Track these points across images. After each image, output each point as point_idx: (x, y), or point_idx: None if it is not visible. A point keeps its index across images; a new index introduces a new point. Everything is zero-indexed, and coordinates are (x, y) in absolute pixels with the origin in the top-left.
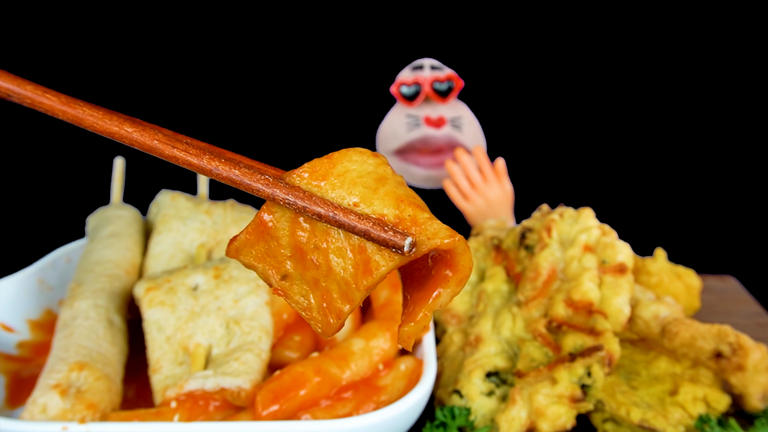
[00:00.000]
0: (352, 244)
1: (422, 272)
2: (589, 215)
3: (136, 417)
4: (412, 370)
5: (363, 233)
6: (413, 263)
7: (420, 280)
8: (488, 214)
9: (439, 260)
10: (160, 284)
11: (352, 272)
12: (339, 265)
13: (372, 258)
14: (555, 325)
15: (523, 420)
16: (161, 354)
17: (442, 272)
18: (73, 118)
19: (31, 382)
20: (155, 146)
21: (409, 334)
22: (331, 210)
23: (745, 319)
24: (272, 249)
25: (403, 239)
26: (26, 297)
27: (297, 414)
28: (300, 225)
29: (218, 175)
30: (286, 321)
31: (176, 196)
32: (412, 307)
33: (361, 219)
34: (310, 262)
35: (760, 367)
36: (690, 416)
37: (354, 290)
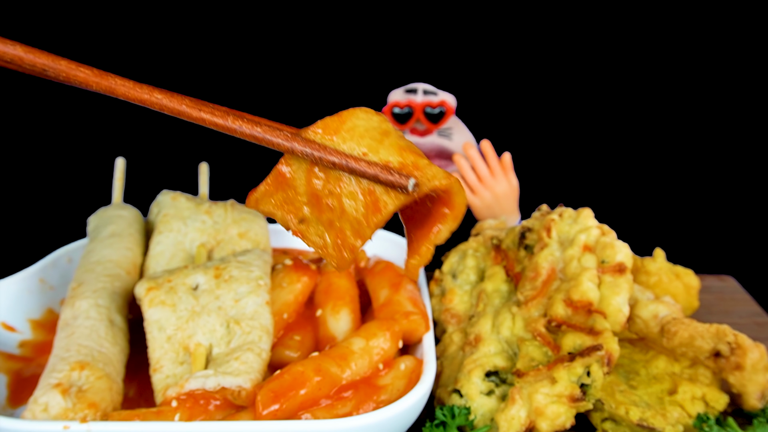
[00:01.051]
0: (363, 188)
1: (422, 213)
2: (588, 215)
3: (137, 416)
4: (412, 369)
5: (372, 177)
6: (414, 205)
7: (421, 220)
8: (495, 207)
9: (437, 200)
10: (160, 284)
11: (363, 212)
12: (351, 206)
13: (380, 198)
14: (554, 324)
15: (523, 419)
16: (162, 353)
17: (441, 210)
18: (106, 88)
19: (32, 381)
20: (183, 110)
21: (416, 266)
22: (343, 159)
23: (743, 319)
24: (290, 197)
25: (407, 180)
26: (28, 296)
27: (297, 413)
28: (315, 174)
29: (242, 133)
30: (287, 321)
31: (177, 196)
32: (416, 244)
33: (370, 165)
34: (325, 205)
35: (759, 366)
36: (689, 415)
37: (365, 227)
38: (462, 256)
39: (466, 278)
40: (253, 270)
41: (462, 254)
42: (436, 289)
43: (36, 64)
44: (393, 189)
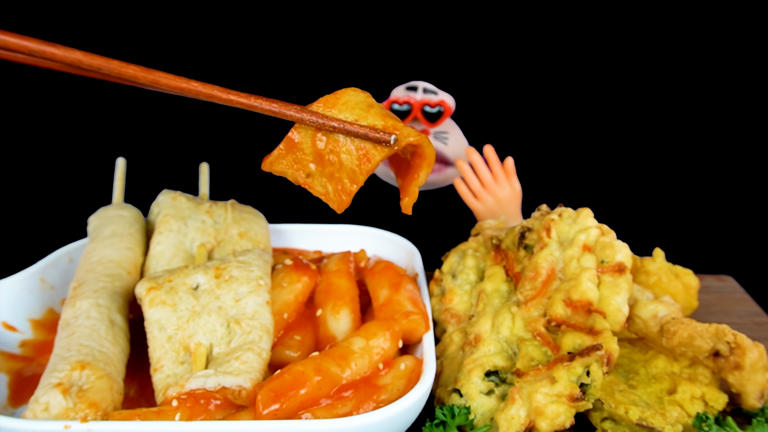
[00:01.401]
0: (356, 145)
1: (406, 164)
2: (588, 215)
3: (137, 416)
4: (411, 369)
5: (363, 136)
6: (397, 157)
7: (406, 170)
8: (498, 212)
9: (414, 154)
10: (161, 284)
11: (357, 163)
12: (347, 159)
13: (370, 152)
14: (554, 324)
15: (522, 419)
16: (162, 353)
17: (417, 161)
18: (152, 81)
19: (33, 380)
20: (215, 94)
21: (409, 203)
22: (341, 123)
23: (742, 319)
24: (298, 158)
25: (389, 137)
26: (28, 296)
27: (297, 413)
28: (318, 138)
29: (262, 108)
30: (287, 320)
31: (177, 196)
32: (406, 187)
33: (361, 128)
34: (327, 161)
35: (758, 366)
36: (688, 415)
37: (358, 174)
38: (462, 256)
39: (465, 278)
40: (254, 270)
41: (462, 254)
42: (436, 289)
43: (93, 65)
44: (379, 144)
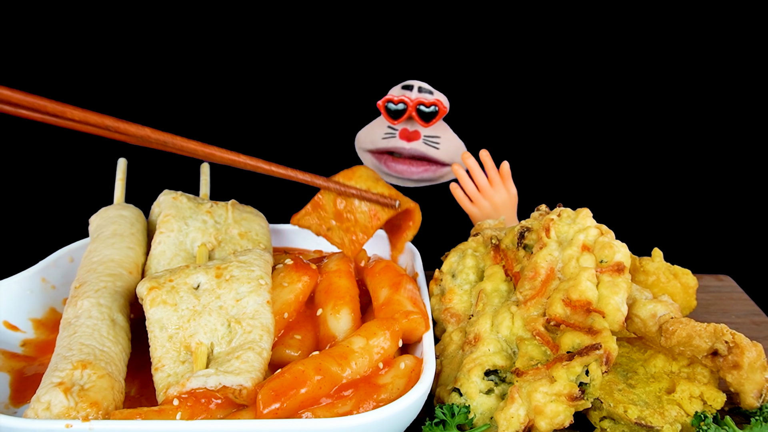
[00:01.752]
0: (368, 207)
1: (396, 225)
2: (587, 215)
3: (138, 415)
4: (411, 368)
5: (375, 201)
6: (393, 219)
7: (396, 230)
8: (494, 216)
9: (405, 217)
10: (162, 284)
11: (369, 220)
12: (361, 217)
13: (378, 212)
14: (553, 324)
15: (522, 418)
16: (163, 352)
17: (407, 223)
18: (208, 155)
19: (34, 380)
20: (259, 166)
21: (397, 255)
22: (357, 191)
23: (741, 318)
24: (321, 216)
25: (394, 202)
26: (30, 296)
27: (298, 412)
28: (338, 201)
29: (297, 178)
30: (287, 320)
31: (178, 197)
32: (395, 243)
33: (372, 195)
34: (345, 218)
35: (756, 365)
36: (686, 414)
37: (369, 228)
38: (461, 255)
39: (465, 278)
40: (254, 270)
41: (461, 254)
42: (435, 289)
43: (159, 140)
44: (386, 207)
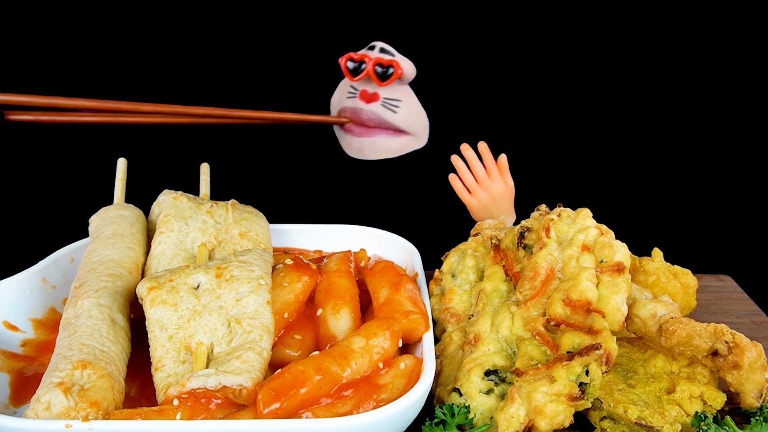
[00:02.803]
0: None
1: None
2: (586, 215)
3: (138, 415)
4: (411, 368)
5: (324, 121)
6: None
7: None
8: (492, 208)
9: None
10: (162, 284)
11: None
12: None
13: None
14: (553, 323)
15: (522, 418)
16: (164, 352)
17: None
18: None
19: (34, 380)
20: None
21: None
22: (306, 118)
23: (741, 318)
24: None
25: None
26: (30, 296)
27: (298, 412)
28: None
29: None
30: (287, 320)
31: (178, 197)
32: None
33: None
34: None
35: (756, 365)
36: (686, 414)
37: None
38: (461, 255)
39: (465, 278)
40: (254, 269)
41: (461, 254)
42: (435, 289)
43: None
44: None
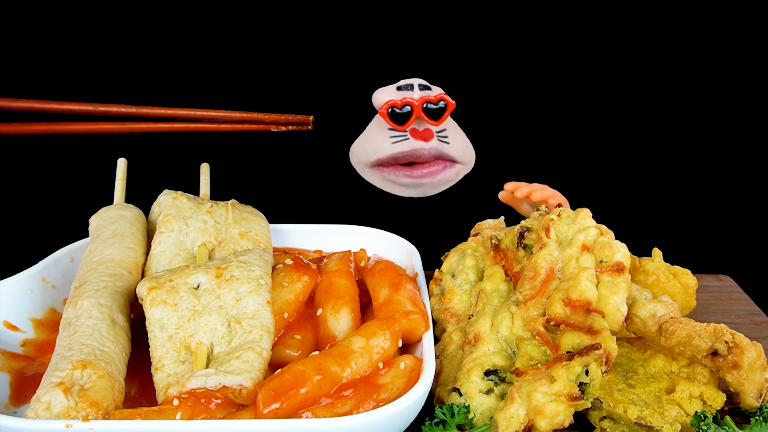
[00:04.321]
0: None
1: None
2: (586, 215)
3: (138, 415)
4: (411, 368)
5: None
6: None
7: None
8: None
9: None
10: (162, 283)
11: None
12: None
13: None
14: (553, 323)
15: (522, 418)
16: (164, 352)
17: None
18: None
19: (34, 380)
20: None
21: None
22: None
23: (741, 318)
24: None
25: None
26: (30, 296)
27: (298, 412)
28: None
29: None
30: (287, 320)
31: (178, 197)
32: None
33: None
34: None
35: (756, 365)
36: (686, 414)
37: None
38: (461, 255)
39: (465, 278)
40: (254, 269)
41: (461, 254)
42: (435, 289)
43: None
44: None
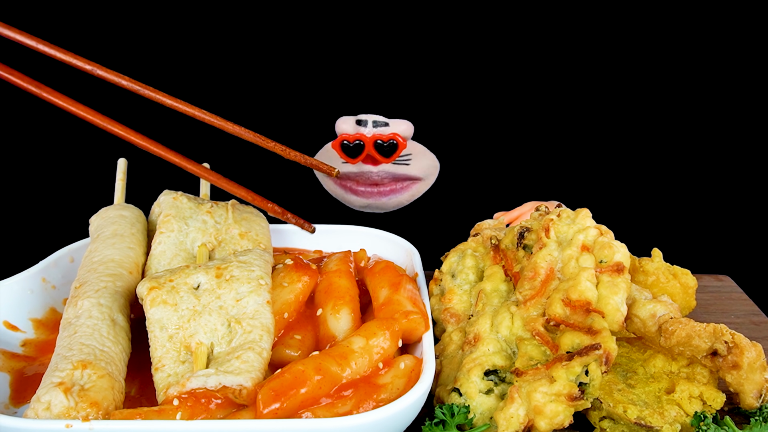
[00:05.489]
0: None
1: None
2: (586, 216)
3: (138, 415)
4: (411, 368)
5: (315, 166)
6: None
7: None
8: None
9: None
10: (162, 284)
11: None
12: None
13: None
14: (553, 324)
15: (521, 418)
16: (164, 352)
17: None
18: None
19: (35, 380)
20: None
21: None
22: (301, 155)
23: (740, 318)
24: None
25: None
26: (30, 296)
27: (298, 412)
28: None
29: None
30: (287, 320)
31: (178, 197)
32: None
33: (314, 160)
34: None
35: (756, 365)
36: (686, 414)
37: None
38: (461, 256)
39: (465, 278)
40: (254, 270)
41: (461, 254)
42: (435, 289)
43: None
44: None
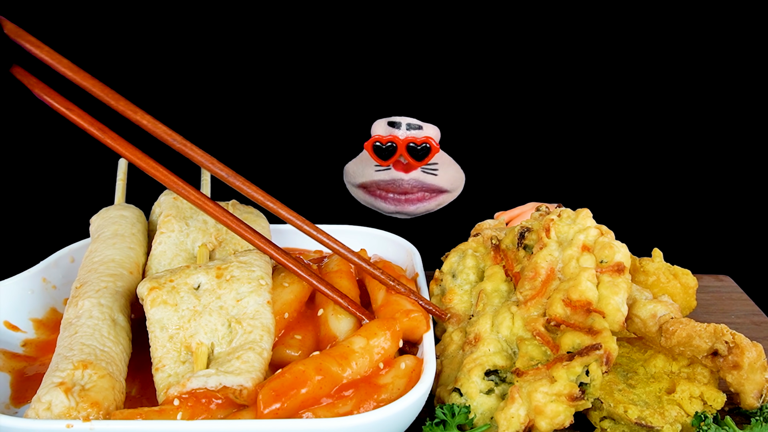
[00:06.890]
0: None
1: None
2: (587, 216)
3: (139, 415)
4: (412, 368)
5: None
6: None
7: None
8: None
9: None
10: (162, 284)
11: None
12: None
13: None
14: (553, 324)
15: (522, 418)
16: (164, 352)
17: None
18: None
19: (35, 380)
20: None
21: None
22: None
23: (741, 318)
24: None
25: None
26: (31, 296)
27: (298, 412)
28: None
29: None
30: (288, 320)
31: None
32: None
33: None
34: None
35: (756, 365)
36: (686, 414)
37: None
38: (462, 256)
39: (465, 278)
40: (255, 270)
41: (462, 254)
42: (436, 289)
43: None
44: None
